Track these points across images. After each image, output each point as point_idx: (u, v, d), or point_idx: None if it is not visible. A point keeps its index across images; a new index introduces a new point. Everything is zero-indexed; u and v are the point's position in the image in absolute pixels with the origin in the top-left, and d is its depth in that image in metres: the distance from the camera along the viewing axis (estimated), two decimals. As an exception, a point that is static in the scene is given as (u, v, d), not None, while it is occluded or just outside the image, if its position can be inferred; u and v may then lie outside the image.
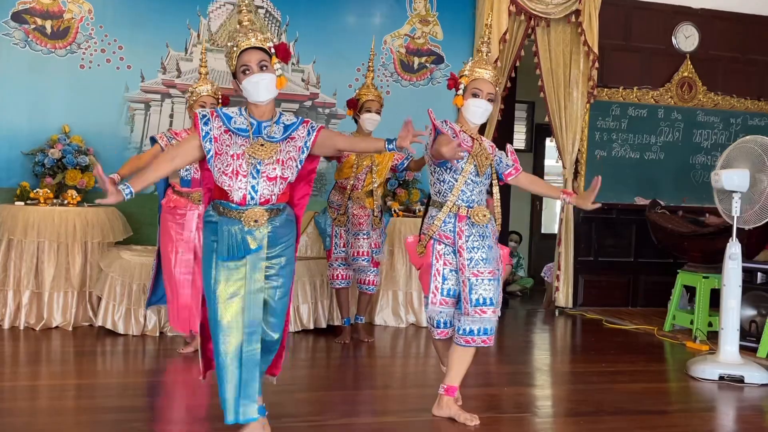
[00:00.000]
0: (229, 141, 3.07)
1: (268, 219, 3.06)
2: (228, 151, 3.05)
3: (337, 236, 5.29)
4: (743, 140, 4.82)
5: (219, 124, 3.09)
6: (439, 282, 3.54)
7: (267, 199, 3.06)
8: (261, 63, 3.05)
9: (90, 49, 6.03)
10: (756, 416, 4.17)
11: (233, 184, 3.04)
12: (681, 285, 6.19)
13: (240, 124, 3.10)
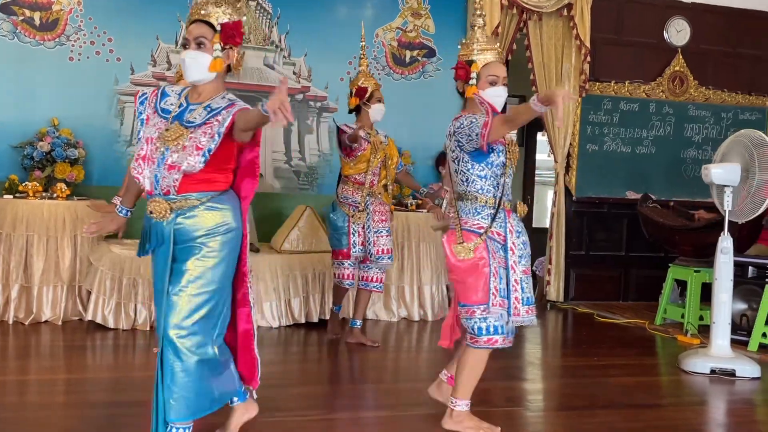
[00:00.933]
0: (151, 123, 2.83)
1: (171, 212, 2.75)
2: (144, 134, 2.82)
3: (355, 234, 4.99)
4: (738, 134, 4.83)
5: (153, 104, 2.86)
6: (497, 282, 3.22)
7: (167, 189, 2.75)
8: (198, 39, 2.78)
9: (79, 41, 5.98)
10: (747, 409, 4.19)
11: (142, 171, 2.78)
12: (672, 279, 6.20)
13: (169, 105, 2.84)
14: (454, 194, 3.36)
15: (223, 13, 2.80)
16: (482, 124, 3.11)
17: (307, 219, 5.81)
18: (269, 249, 5.91)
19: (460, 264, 3.22)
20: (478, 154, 3.22)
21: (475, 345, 3.27)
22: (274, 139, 6.48)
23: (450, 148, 3.32)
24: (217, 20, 2.79)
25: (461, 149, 3.24)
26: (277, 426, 3.36)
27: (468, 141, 3.19)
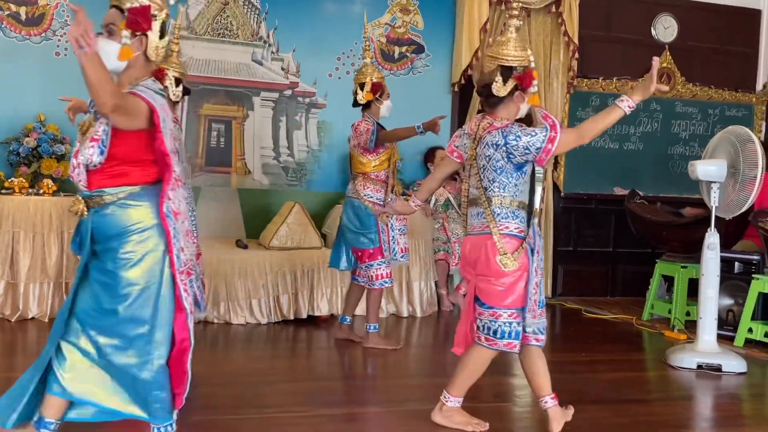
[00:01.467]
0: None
1: (88, 209, 2.64)
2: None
3: (383, 232, 4.89)
4: (725, 131, 4.85)
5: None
6: (531, 286, 3.18)
7: (81, 185, 2.65)
8: (109, 26, 2.63)
9: (66, 36, 5.94)
10: (734, 404, 4.22)
11: (74, 168, 2.66)
12: (659, 275, 6.23)
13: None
14: (473, 200, 3.26)
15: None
16: (546, 139, 3.07)
17: (296, 215, 5.80)
18: (258, 245, 5.90)
19: (506, 273, 3.15)
20: (523, 164, 3.18)
21: (492, 346, 3.23)
22: (262, 135, 6.46)
23: (487, 156, 3.17)
24: (126, 4, 2.63)
25: (509, 160, 3.14)
26: (266, 422, 3.36)
27: (523, 154, 3.11)
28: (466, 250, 3.30)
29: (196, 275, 2.83)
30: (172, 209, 2.64)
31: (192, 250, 2.81)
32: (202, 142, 6.32)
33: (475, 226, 3.24)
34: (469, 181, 3.28)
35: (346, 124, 6.59)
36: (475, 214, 3.25)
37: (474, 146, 3.23)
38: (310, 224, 5.84)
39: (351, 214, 4.89)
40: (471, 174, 3.26)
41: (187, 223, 2.73)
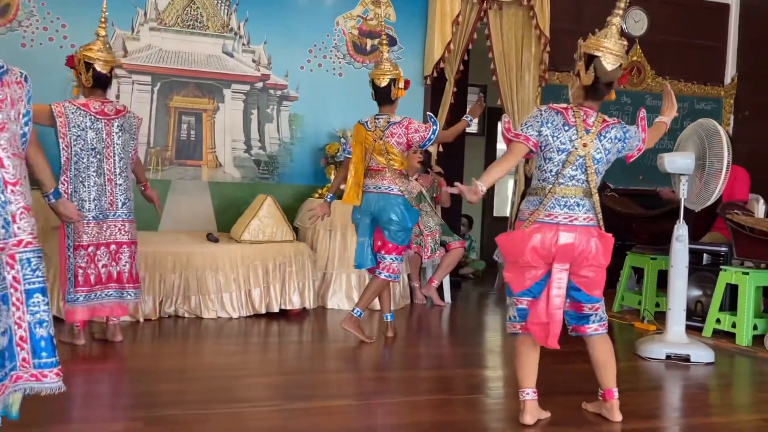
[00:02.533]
0: None
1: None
2: None
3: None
4: (696, 123, 4.89)
5: None
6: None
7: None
8: None
9: (32, 27, 5.84)
10: (702, 394, 4.27)
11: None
12: (629, 266, 6.29)
13: None
14: (580, 190, 3.31)
15: None
16: (641, 138, 3.49)
17: (267, 209, 5.76)
18: (229, 239, 5.86)
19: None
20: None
21: (606, 330, 3.56)
22: (233, 127, 6.41)
23: (606, 149, 3.35)
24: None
25: (617, 154, 3.43)
26: (235, 417, 3.33)
27: (626, 149, 3.48)
28: (570, 240, 3.27)
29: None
30: None
31: None
32: (172, 134, 6.25)
33: (579, 218, 3.29)
34: (567, 172, 3.29)
35: (318, 117, 6.61)
36: (578, 205, 3.29)
37: (591, 138, 3.30)
38: (281, 217, 5.80)
39: (400, 211, 4.79)
40: (577, 165, 3.29)
41: None
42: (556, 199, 3.28)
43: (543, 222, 3.27)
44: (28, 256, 2.65)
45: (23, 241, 2.63)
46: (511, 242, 3.33)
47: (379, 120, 4.85)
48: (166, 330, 5.09)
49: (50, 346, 2.66)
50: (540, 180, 3.35)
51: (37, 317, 2.66)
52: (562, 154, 3.29)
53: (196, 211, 6.30)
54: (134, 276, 4.58)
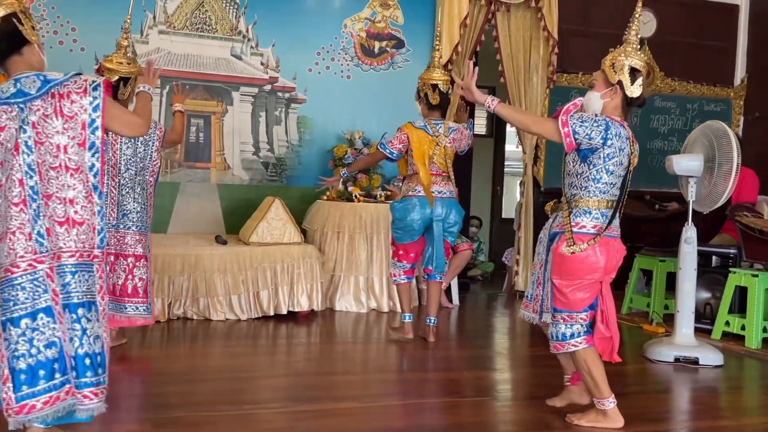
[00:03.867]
0: None
1: None
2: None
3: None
4: (704, 125, 4.88)
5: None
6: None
7: None
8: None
9: (42, 31, 5.87)
10: (710, 397, 4.25)
11: None
12: (638, 268, 6.27)
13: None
14: (618, 201, 3.33)
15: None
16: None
17: (275, 211, 5.77)
18: (237, 241, 5.87)
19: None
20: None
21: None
22: (242, 130, 6.43)
23: (633, 153, 3.34)
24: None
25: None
26: (244, 418, 3.35)
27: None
28: (614, 251, 3.29)
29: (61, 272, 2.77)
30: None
31: (9, 252, 2.69)
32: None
33: (617, 229, 3.33)
34: (620, 185, 3.31)
35: (326, 120, 6.63)
36: (617, 217, 3.32)
37: (635, 154, 3.33)
38: (290, 220, 5.82)
39: (459, 214, 4.96)
40: (625, 179, 3.31)
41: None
42: (615, 213, 3.28)
43: (610, 237, 3.28)
44: (62, 271, 2.71)
45: (56, 255, 2.71)
46: (585, 260, 3.24)
47: (439, 125, 4.89)
48: (174, 332, 5.11)
49: (82, 365, 2.71)
50: (601, 192, 3.27)
51: (70, 333, 2.71)
52: (622, 168, 3.28)
53: (205, 214, 6.33)
54: (132, 289, 4.35)
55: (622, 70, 3.32)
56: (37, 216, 2.67)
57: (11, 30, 2.77)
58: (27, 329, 2.64)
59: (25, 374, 2.63)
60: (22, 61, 2.81)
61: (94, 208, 2.75)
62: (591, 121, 3.21)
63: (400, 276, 5.03)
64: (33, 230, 2.66)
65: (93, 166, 2.75)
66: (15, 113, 2.69)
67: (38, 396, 2.63)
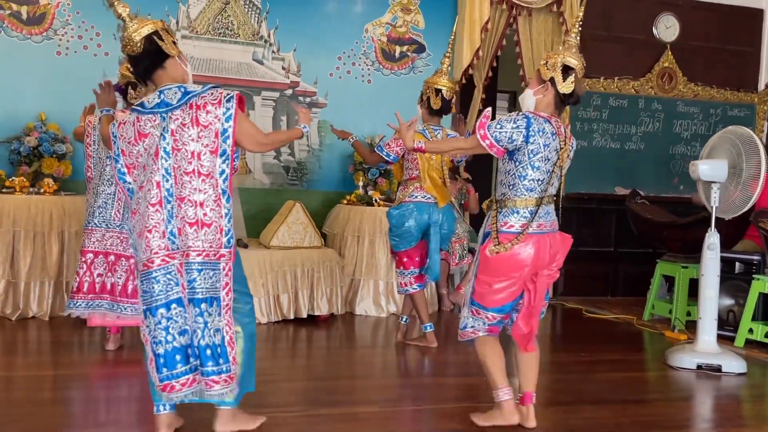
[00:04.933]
0: None
1: None
2: None
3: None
4: (725, 131, 4.84)
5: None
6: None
7: None
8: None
9: (67, 36, 5.95)
10: (733, 405, 4.21)
11: None
12: (660, 275, 6.22)
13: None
14: (552, 198, 3.37)
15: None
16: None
17: (296, 215, 5.80)
18: (258, 245, 5.90)
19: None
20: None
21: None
22: (263, 134, 6.46)
23: (569, 159, 3.40)
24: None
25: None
26: (265, 421, 3.35)
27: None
28: (546, 247, 3.29)
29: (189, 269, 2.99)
30: (131, 209, 3.01)
31: (145, 247, 2.94)
32: (202, 141, 6.31)
33: (548, 225, 3.32)
34: (550, 181, 3.31)
35: (347, 124, 6.60)
36: (548, 213, 3.33)
37: (567, 149, 3.34)
38: (310, 224, 5.84)
39: (453, 222, 4.99)
40: (553, 174, 3.31)
41: (140, 223, 2.95)
42: (542, 209, 3.29)
43: (536, 233, 3.27)
44: (188, 268, 2.95)
45: (185, 253, 2.94)
46: (510, 258, 3.26)
47: (437, 131, 4.87)
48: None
49: (204, 355, 2.95)
50: (527, 190, 3.28)
51: (193, 326, 2.97)
52: (549, 164, 3.29)
53: (226, 217, 6.35)
54: (132, 290, 4.33)
55: (554, 67, 3.34)
56: (171, 216, 2.93)
57: (153, 48, 3.01)
58: (162, 318, 2.92)
59: (164, 358, 2.92)
60: (165, 74, 3.05)
61: (222, 211, 2.96)
62: (510, 123, 3.24)
63: (411, 285, 4.90)
64: (166, 229, 2.92)
65: (223, 172, 2.96)
66: (158, 122, 2.95)
67: (177, 378, 2.93)
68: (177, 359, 2.93)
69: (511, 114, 3.29)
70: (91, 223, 4.43)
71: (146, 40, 3.00)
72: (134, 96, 4.51)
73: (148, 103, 2.99)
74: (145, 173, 2.96)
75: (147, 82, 3.10)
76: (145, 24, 3.02)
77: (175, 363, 2.93)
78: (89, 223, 4.45)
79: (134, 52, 3.01)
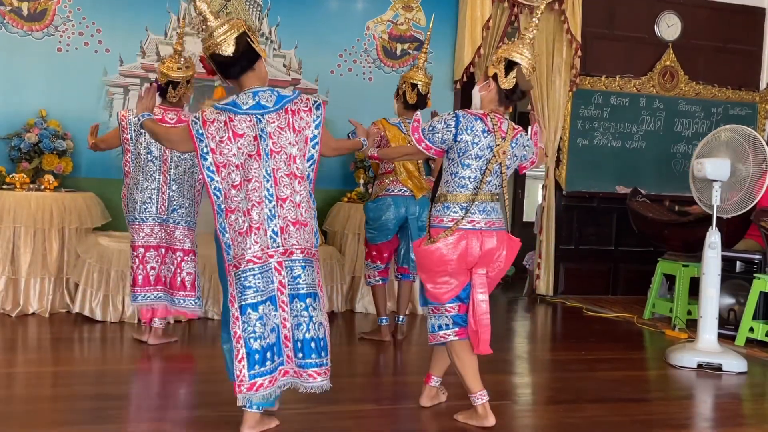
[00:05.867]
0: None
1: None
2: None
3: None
4: (722, 129, 4.84)
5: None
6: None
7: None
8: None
9: (67, 32, 5.94)
10: (734, 404, 4.21)
11: None
12: (661, 273, 6.22)
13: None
14: (494, 195, 3.39)
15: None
16: (535, 153, 3.51)
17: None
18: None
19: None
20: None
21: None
22: (264, 131, 6.45)
23: (515, 155, 3.40)
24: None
25: (520, 161, 3.47)
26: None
27: (526, 159, 3.51)
28: (476, 243, 3.29)
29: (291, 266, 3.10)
30: (223, 207, 3.05)
31: (248, 245, 3.02)
32: (203, 138, 6.30)
33: (483, 222, 3.31)
34: (484, 179, 3.31)
35: (348, 122, 6.61)
36: (493, 210, 3.35)
37: (506, 145, 3.33)
38: (311, 221, 5.82)
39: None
40: (494, 172, 3.34)
41: (245, 221, 3.01)
42: (476, 206, 3.30)
43: (466, 229, 3.28)
44: (291, 265, 3.05)
45: (288, 251, 3.04)
46: (434, 252, 3.30)
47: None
48: (195, 332, 5.14)
49: (308, 348, 3.06)
50: (459, 186, 3.32)
51: (297, 320, 3.07)
52: (481, 161, 3.31)
53: (227, 214, 6.35)
54: (181, 282, 4.52)
55: (499, 63, 3.36)
56: (273, 216, 3.02)
57: (247, 48, 3.06)
58: (262, 314, 3.01)
59: (259, 354, 2.99)
60: (254, 75, 3.11)
61: (313, 212, 3.13)
62: (440, 124, 3.34)
63: (374, 278, 5.03)
64: (268, 228, 3.02)
65: (309, 176, 3.12)
66: (253, 122, 3.04)
67: (265, 375, 3.01)
68: (267, 356, 3.01)
69: (443, 114, 3.39)
70: (138, 218, 4.50)
71: (239, 41, 3.03)
72: (174, 95, 4.57)
73: (242, 104, 3.05)
74: (240, 172, 3.01)
75: (230, 82, 3.13)
76: (234, 24, 3.06)
77: (266, 360, 3.00)
78: (135, 219, 4.52)
79: (225, 53, 3.02)
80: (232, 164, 3.01)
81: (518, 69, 3.30)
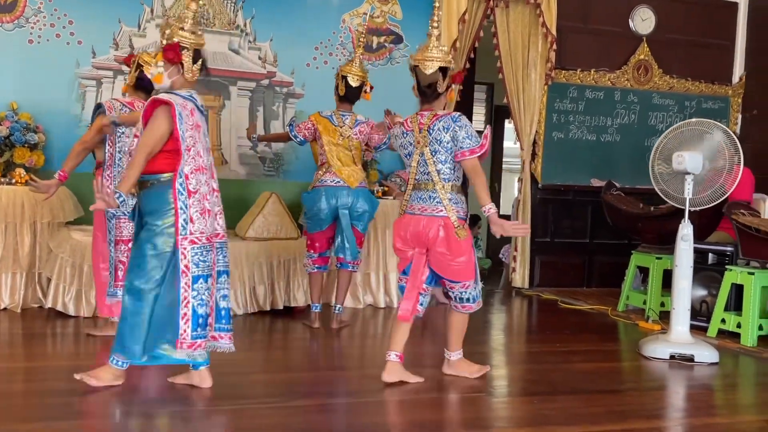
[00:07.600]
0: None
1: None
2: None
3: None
4: (698, 122, 4.89)
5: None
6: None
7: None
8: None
9: (39, 24, 5.85)
10: (705, 394, 4.26)
11: None
12: (635, 266, 6.28)
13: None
14: (422, 184, 3.83)
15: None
16: (476, 147, 3.76)
17: (272, 206, 5.77)
18: (234, 236, 5.85)
19: (463, 245, 3.78)
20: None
21: (470, 311, 3.95)
22: (239, 125, 6.41)
23: (438, 140, 3.77)
24: (162, 42, 3.71)
25: (454, 144, 3.76)
26: (240, 413, 3.35)
27: (458, 147, 3.75)
28: (409, 226, 3.81)
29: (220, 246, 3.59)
30: (186, 188, 3.44)
31: (207, 225, 3.47)
32: (178, 131, 6.25)
33: (417, 208, 3.83)
34: (416, 169, 3.84)
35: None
36: (419, 198, 3.83)
37: (424, 135, 3.78)
38: (286, 215, 5.81)
39: (366, 203, 5.16)
40: (421, 162, 3.81)
41: (205, 204, 3.47)
42: (413, 194, 3.85)
43: (406, 213, 3.86)
44: (221, 245, 3.58)
45: (220, 233, 3.57)
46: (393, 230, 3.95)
47: (345, 117, 5.14)
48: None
49: (228, 316, 3.60)
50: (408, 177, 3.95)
51: (221, 293, 3.58)
52: (409, 158, 3.87)
53: (202, 208, 6.30)
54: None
55: (411, 70, 3.96)
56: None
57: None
58: (213, 284, 3.52)
59: (202, 318, 3.46)
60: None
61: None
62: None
63: (311, 266, 5.19)
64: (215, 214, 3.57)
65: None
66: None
67: (204, 338, 3.50)
68: (209, 322, 3.50)
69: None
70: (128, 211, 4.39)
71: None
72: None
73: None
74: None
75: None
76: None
77: (207, 325, 3.48)
78: (124, 212, 4.32)
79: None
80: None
81: (418, 70, 3.87)
